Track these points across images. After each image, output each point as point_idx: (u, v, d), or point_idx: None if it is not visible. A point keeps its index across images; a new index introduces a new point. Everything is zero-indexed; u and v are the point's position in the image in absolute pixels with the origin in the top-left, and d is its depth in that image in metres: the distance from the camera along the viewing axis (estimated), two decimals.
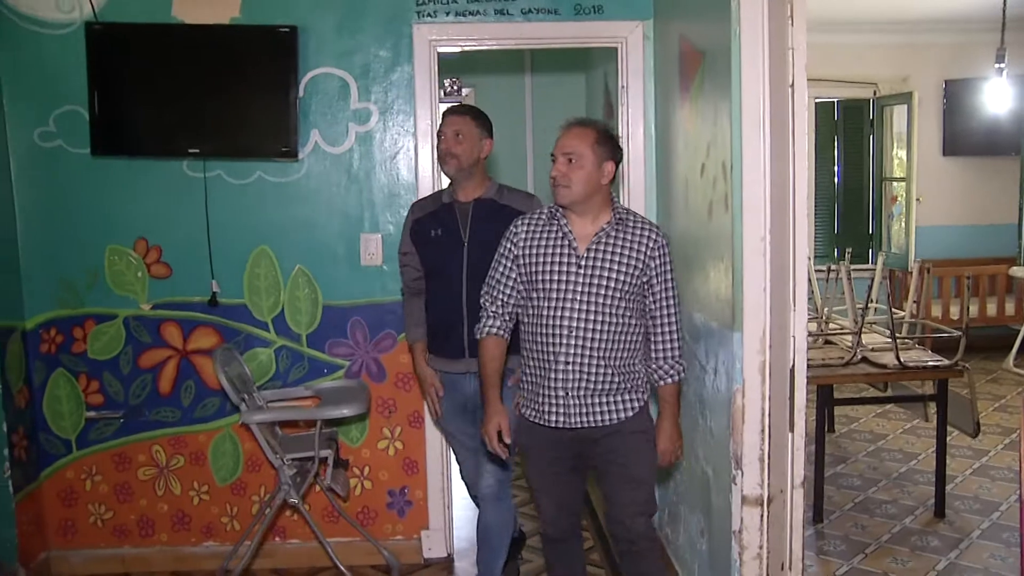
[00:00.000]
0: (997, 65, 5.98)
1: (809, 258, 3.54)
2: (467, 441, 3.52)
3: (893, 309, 4.66)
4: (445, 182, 3.48)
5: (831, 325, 4.97)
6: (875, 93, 7.94)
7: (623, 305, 2.81)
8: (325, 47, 3.82)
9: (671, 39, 3.52)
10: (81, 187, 3.84)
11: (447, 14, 3.82)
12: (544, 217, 2.90)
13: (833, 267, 5.15)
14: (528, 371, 2.92)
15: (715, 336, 3.03)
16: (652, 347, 2.88)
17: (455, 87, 5.88)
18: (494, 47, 4.03)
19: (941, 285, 7.49)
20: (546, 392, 2.85)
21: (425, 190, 3.85)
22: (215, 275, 3.90)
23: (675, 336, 2.87)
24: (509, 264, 2.92)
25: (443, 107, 3.62)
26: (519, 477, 4.51)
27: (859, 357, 4.36)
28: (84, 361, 3.94)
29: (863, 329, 4.51)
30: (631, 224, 2.86)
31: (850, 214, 8.21)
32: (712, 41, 2.97)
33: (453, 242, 3.34)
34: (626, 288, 2.80)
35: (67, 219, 3.86)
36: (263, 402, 3.72)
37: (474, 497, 3.66)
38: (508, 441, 2.95)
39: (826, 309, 5.05)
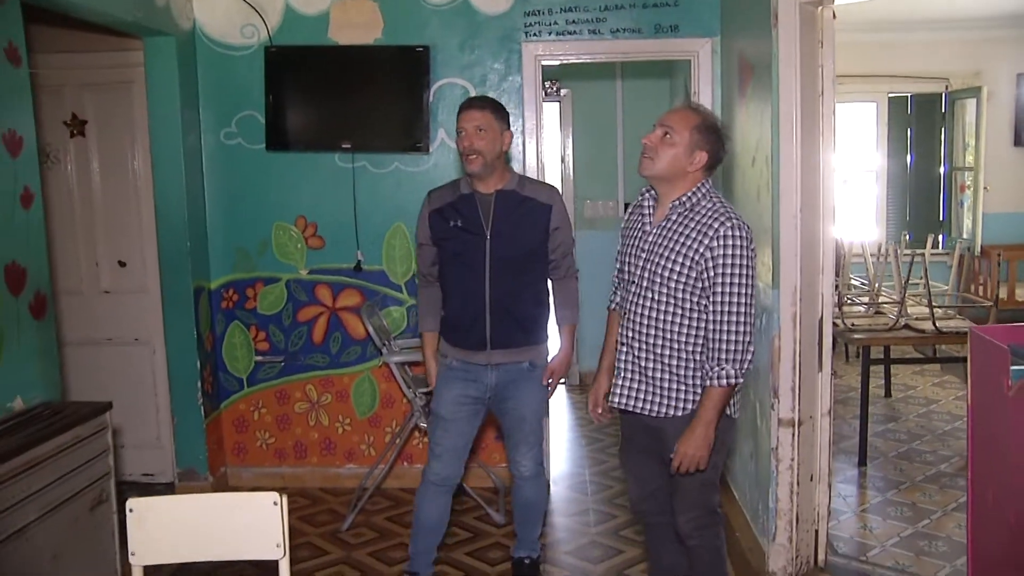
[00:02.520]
0: None
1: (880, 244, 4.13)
2: (455, 428, 3.39)
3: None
4: (549, 174, 4.05)
5: (881, 298, 5.60)
6: (947, 88, 8.38)
7: (678, 296, 2.69)
8: (451, 61, 4.62)
9: (733, 54, 4.25)
10: (255, 176, 4.75)
11: (549, 33, 4.59)
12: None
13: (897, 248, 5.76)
14: None
15: (762, 294, 3.76)
16: (706, 345, 2.73)
17: (555, 89, 6.59)
18: (588, 60, 4.78)
19: (1011, 268, 7.93)
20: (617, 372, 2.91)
21: None
22: (360, 246, 4.75)
23: (726, 338, 2.66)
24: (619, 247, 2.97)
25: (545, 107, 4.11)
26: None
27: (902, 324, 5.00)
28: (254, 315, 4.86)
29: (913, 302, 5.13)
30: (701, 210, 2.70)
31: (921, 201, 8.68)
32: (759, 58, 3.69)
33: (475, 235, 3.28)
34: (679, 279, 2.67)
35: (243, 201, 4.77)
36: (398, 348, 4.61)
37: (433, 483, 3.47)
38: (601, 410, 3.06)
39: (876, 284, 5.68)
